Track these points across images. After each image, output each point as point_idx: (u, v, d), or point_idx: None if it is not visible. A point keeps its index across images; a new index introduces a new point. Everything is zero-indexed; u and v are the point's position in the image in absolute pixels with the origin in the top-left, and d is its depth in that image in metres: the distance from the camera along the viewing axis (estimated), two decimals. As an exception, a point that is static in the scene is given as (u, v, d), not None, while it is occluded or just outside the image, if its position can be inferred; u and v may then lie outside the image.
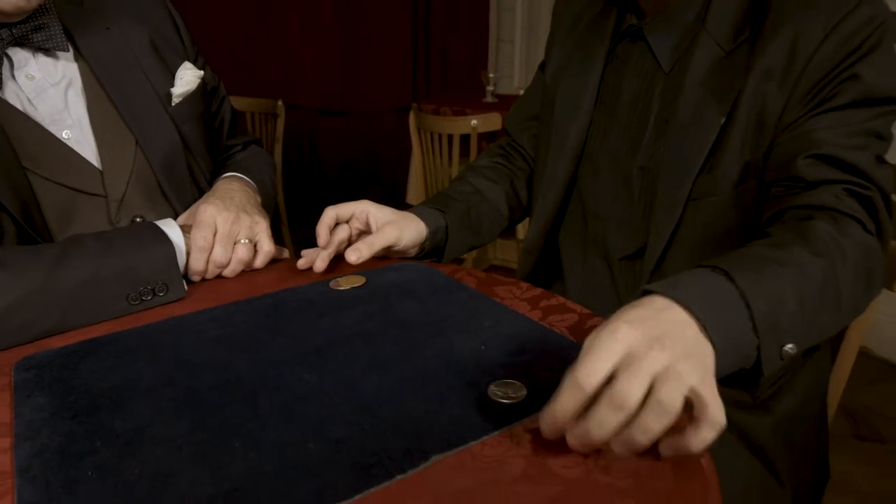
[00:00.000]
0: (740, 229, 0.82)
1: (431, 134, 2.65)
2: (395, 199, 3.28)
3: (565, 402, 0.49)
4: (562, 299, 0.81)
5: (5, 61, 0.86)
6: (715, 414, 0.49)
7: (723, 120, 0.80)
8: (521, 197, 1.10)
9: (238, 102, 3.34)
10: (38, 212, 0.85)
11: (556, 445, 0.53)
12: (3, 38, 0.85)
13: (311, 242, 0.91)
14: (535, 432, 0.54)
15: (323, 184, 4.21)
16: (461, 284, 0.84)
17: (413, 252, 0.94)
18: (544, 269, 1.05)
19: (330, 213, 0.90)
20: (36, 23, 0.87)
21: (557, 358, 0.65)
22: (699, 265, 0.62)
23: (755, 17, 0.80)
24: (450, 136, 2.59)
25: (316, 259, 0.86)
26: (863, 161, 0.75)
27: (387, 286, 0.84)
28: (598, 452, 0.52)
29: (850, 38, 0.76)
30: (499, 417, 0.57)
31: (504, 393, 0.60)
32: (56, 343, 0.73)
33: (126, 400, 0.61)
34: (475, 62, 4.49)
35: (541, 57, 1.12)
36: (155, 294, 0.80)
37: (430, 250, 0.96)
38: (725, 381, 0.59)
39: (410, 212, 0.95)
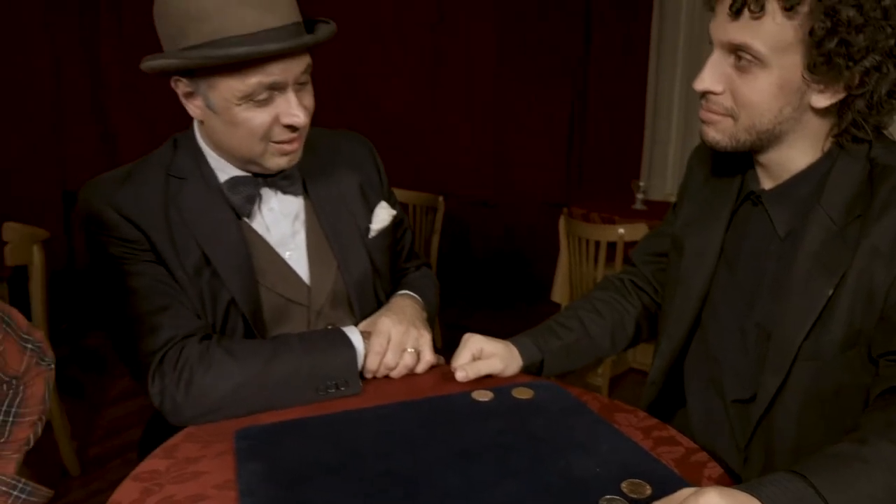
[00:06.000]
0: (848, 388, 0.89)
1: (579, 238, 2.78)
2: (540, 292, 3.41)
3: None
4: (672, 431, 0.92)
5: (258, 198, 1.13)
6: None
7: (830, 292, 0.87)
8: (627, 332, 1.21)
9: (401, 195, 3.65)
10: (261, 314, 1.11)
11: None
12: (259, 183, 1.12)
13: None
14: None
15: (474, 269, 4.46)
16: (586, 408, 0.97)
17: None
18: (666, 400, 1.14)
19: (465, 355, 1.08)
20: (285, 173, 1.13)
21: (661, 489, 0.76)
22: (782, 470, 0.69)
23: (866, 197, 0.88)
24: (597, 242, 2.71)
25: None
26: None
27: (522, 402, 0.99)
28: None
29: None
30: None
31: None
32: (263, 419, 0.95)
33: (312, 477, 0.81)
34: (628, 162, 4.60)
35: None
36: (337, 388, 1.01)
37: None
38: None
39: (512, 342, 1.11)
